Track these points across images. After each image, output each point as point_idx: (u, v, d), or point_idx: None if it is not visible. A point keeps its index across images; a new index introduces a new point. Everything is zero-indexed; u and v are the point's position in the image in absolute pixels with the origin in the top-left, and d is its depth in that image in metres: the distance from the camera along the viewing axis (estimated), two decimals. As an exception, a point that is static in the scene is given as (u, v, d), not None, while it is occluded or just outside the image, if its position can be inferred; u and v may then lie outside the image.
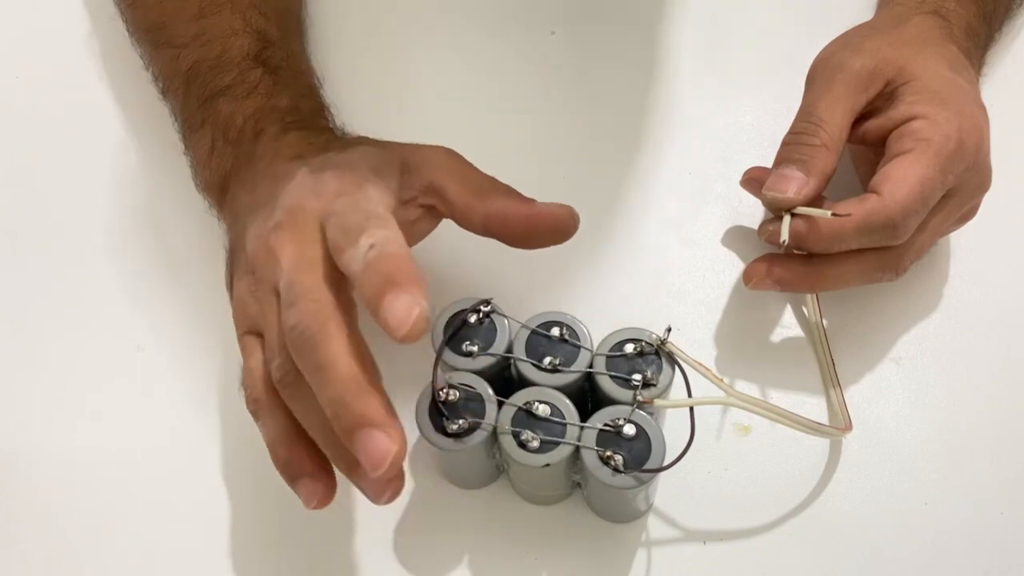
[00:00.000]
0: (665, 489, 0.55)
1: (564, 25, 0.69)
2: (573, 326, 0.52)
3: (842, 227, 0.54)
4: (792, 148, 0.56)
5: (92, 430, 0.59)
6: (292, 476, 0.49)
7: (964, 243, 0.61)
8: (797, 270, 0.57)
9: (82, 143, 0.67)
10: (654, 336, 0.51)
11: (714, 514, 0.55)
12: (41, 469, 0.58)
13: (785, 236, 0.54)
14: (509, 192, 0.54)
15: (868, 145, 0.57)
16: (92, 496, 0.57)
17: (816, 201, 0.55)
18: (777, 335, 0.60)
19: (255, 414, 0.50)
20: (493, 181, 0.54)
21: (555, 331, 0.52)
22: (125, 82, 0.68)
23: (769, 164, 0.63)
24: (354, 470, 0.48)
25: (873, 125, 0.57)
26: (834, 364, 0.58)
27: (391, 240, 0.46)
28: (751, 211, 0.63)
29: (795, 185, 0.55)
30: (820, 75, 0.57)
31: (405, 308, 0.44)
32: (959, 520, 0.55)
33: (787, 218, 0.55)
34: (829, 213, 0.53)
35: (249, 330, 0.52)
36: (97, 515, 0.57)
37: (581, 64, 0.68)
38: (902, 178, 0.53)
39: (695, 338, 0.60)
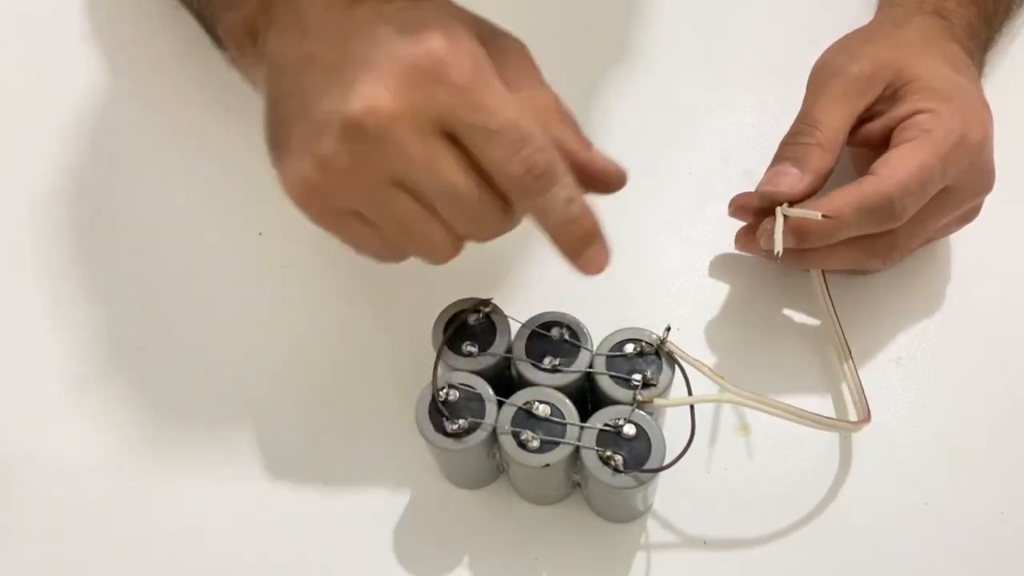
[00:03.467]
0: (665, 489, 0.55)
1: (564, 25, 0.69)
2: (573, 326, 0.52)
3: (839, 210, 0.53)
4: (787, 148, 0.56)
5: (92, 430, 0.59)
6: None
7: (965, 243, 0.61)
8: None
9: (83, 143, 0.67)
10: (654, 336, 0.52)
11: (714, 514, 0.55)
12: (41, 469, 0.58)
13: (779, 247, 0.54)
14: (573, 126, 0.50)
15: (872, 147, 0.57)
16: (92, 496, 0.57)
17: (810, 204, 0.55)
18: (778, 335, 0.60)
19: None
20: (556, 104, 0.50)
21: (555, 331, 0.52)
22: (126, 78, 0.68)
23: (768, 164, 0.63)
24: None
25: (876, 125, 0.57)
26: (849, 348, 0.57)
27: (579, 192, 0.47)
28: (751, 211, 0.63)
29: (789, 180, 0.55)
30: (817, 81, 0.58)
31: (604, 260, 0.49)
32: (959, 520, 0.55)
33: (779, 225, 0.54)
34: (819, 215, 0.53)
35: (343, 211, 0.48)
36: (96, 515, 0.57)
37: (581, 64, 0.68)
38: (901, 160, 0.54)
39: (695, 338, 0.60)
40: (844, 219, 0.54)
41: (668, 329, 0.51)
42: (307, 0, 0.49)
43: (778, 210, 0.55)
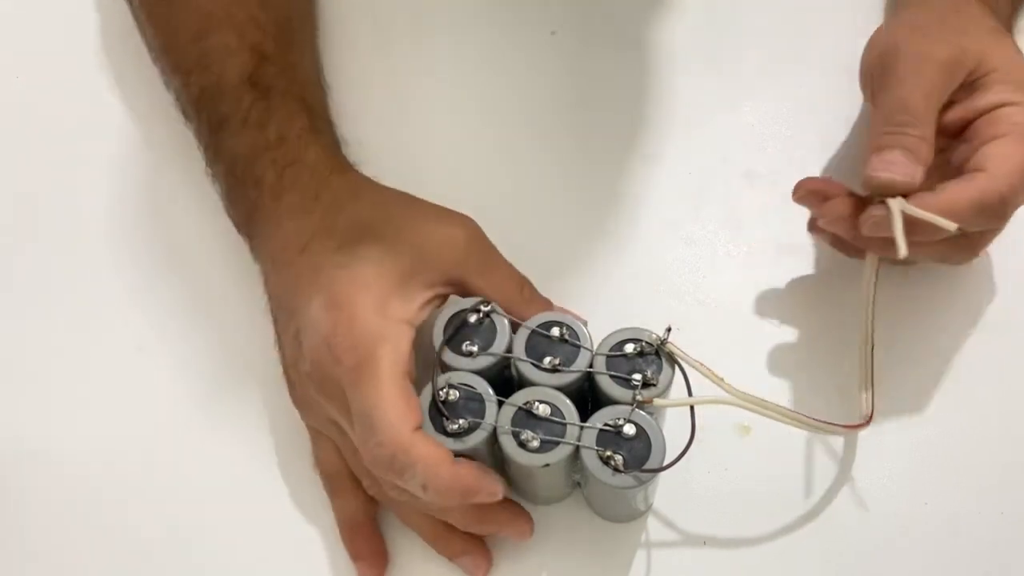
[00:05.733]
0: (665, 489, 0.55)
1: (564, 25, 0.68)
2: (573, 326, 0.52)
3: (954, 208, 0.51)
4: (895, 137, 0.53)
5: (92, 431, 0.59)
6: (353, 556, 0.55)
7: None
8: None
9: (85, 142, 0.67)
10: (654, 336, 0.51)
11: (714, 514, 0.56)
12: (41, 470, 0.58)
13: (903, 248, 0.51)
14: (533, 301, 0.54)
15: (947, 136, 0.55)
16: (92, 497, 0.57)
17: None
18: (778, 335, 0.60)
19: (329, 492, 0.56)
20: (519, 283, 0.55)
21: (555, 331, 0.52)
22: (128, 82, 0.67)
23: (769, 165, 0.63)
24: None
25: (955, 116, 0.55)
26: (873, 347, 0.56)
27: (430, 471, 0.48)
28: (751, 211, 0.63)
29: (906, 171, 0.52)
30: (903, 65, 0.54)
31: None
32: (959, 520, 0.55)
33: (899, 221, 0.51)
34: (955, 227, 0.50)
35: (312, 426, 0.56)
36: (96, 516, 0.57)
37: (581, 64, 0.68)
38: (1007, 157, 0.52)
39: (695, 338, 0.59)
40: (959, 218, 0.51)
41: (669, 330, 0.51)
42: (271, 221, 0.56)
43: (893, 205, 0.52)
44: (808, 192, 0.57)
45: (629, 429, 0.49)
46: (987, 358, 0.59)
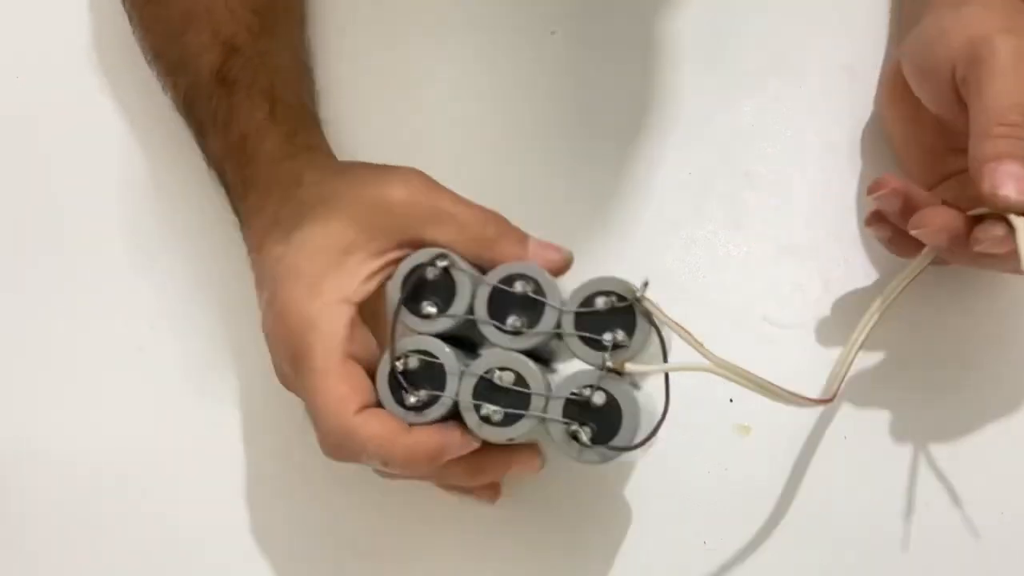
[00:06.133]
0: (665, 489, 0.55)
1: (564, 25, 0.68)
2: (539, 279, 0.46)
3: None
4: (1011, 142, 0.49)
5: (93, 431, 0.59)
6: (462, 492, 0.55)
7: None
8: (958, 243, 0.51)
9: (87, 142, 0.67)
10: (628, 288, 0.45)
11: (714, 514, 0.55)
12: (42, 471, 0.59)
13: None
14: (503, 237, 0.50)
15: None
16: (93, 498, 0.58)
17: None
18: (778, 335, 0.59)
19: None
20: (481, 221, 0.50)
21: (518, 285, 0.46)
22: (130, 82, 0.68)
23: (769, 166, 0.63)
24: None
25: None
26: (866, 336, 0.54)
27: (383, 449, 0.47)
28: (750, 211, 0.62)
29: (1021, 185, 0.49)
30: (1003, 59, 0.50)
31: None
32: (959, 520, 0.54)
33: (1022, 239, 0.48)
34: None
35: None
36: (98, 516, 0.57)
37: (581, 64, 0.67)
38: None
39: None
40: None
41: (646, 283, 0.46)
42: (248, 223, 0.55)
43: (1020, 225, 0.48)
44: (892, 192, 0.53)
45: (598, 398, 0.45)
46: (991, 359, 0.58)
